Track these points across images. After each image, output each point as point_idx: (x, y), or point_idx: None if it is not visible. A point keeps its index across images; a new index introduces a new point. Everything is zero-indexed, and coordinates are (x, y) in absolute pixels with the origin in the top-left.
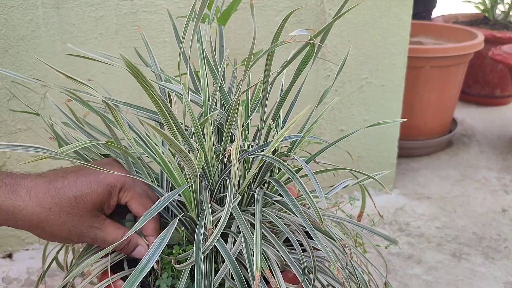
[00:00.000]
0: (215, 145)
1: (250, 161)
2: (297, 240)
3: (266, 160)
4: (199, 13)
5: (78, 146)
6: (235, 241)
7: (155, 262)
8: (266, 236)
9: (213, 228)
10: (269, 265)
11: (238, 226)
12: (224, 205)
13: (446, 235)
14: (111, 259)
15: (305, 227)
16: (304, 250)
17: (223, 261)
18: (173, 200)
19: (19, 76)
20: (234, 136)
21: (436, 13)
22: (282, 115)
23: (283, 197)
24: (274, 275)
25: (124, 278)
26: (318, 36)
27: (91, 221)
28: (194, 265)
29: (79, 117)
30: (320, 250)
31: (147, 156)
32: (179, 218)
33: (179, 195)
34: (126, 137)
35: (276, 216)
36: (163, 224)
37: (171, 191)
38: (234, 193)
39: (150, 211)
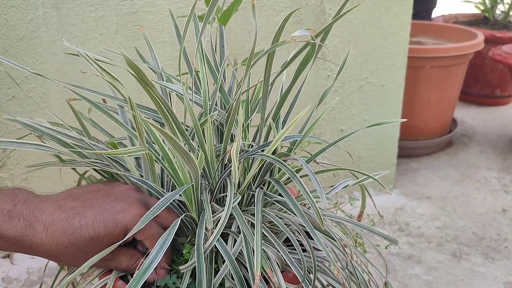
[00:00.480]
0: (215, 145)
1: (250, 161)
2: (297, 240)
3: (266, 160)
4: (207, 15)
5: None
6: (235, 241)
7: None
8: (266, 236)
9: (213, 228)
10: (269, 265)
11: (238, 226)
12: (225, 205)
13: (446, 235)
14: None
15: (305, 227)
16: (304, 250)
17: (223, 261)
18: (173, 200)
19: (23, 68)
20: (234, 136)
21: (436, 13)
22: (282, 115)
23: (283, 197)
24: (275, 275)
25: (122, 277)
26: (319, 36)
27: (109, 255)
28: (195, 265)
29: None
30: (320, 250)
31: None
32: (181, 218)
33: (180, 195)
34: (139, 137)
35: (276, 216)
36: None
37: (171, 191)
38: (234, 193)
39: (152, 210)
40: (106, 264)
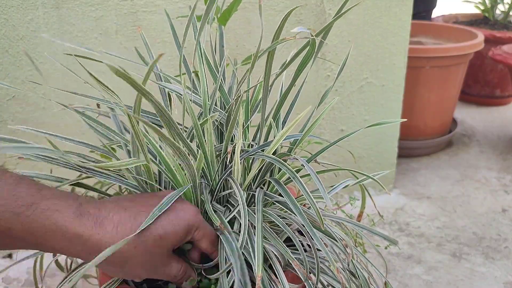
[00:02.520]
0: (215, 145)
1: (251, 161)
2: (299, 240)
3: (266, 160)
4: (205, 16)
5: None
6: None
7: None
8: (267, 236)
9: (222, 225)
10: (271, 264)
11: (238, 225)
12: (227, 204)
13: (446, 235)
14: None
15: (305, 227)
16: (306, 250)
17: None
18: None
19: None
20: (234, 136)
21: (436, 13)
22: (282, 115)
23: (283, 197)
24: (277, 274)
25: (127, 281)
26: (318, 36)
27: (167, 259)
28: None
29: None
30: (321, 250)
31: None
32: None
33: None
34: (137, 142)
35: (278, 215)
36: None
37: None
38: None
39: (159, 207)
40: (162, 270)
